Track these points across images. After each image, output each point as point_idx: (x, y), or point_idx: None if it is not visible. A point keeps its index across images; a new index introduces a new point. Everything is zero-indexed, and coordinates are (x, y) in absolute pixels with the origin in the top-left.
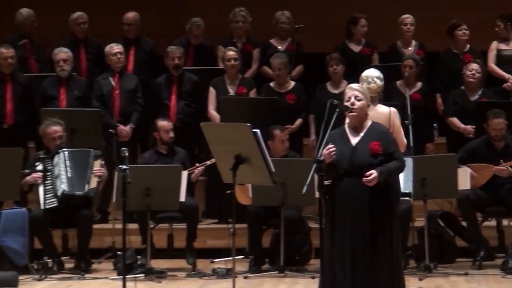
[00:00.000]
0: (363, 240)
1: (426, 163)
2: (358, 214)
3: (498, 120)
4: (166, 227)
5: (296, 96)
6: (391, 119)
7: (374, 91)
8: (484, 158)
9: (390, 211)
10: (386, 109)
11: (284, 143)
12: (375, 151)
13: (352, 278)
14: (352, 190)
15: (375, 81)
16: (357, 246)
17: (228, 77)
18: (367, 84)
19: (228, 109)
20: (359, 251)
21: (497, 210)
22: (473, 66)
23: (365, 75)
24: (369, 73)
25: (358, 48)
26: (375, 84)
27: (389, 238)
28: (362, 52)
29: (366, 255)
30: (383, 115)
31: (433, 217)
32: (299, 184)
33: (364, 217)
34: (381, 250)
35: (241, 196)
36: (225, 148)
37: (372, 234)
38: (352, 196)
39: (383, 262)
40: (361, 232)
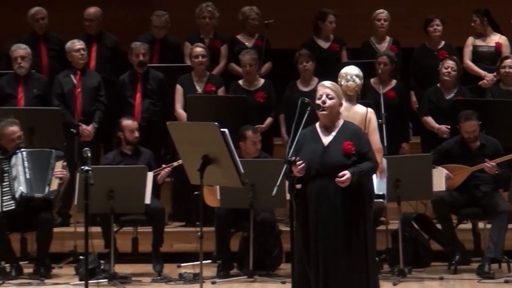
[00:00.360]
0: (337, 243)
1: (400, 164)
2: (331, 216)
3: (469, 123)
4: (131, 230)
5: (266, 94)
6: (367, 119)
7: (352, 89)
8: (459, 159)
9: (363, 213)
10: (363, 109)
11: (256, 145)
12: (348, 151)
13: (325, 282)
14: (325, 191)
15: (354, 79)
16: (330, 249)
17: (196, 75)
18: (345, 82)
19: (195, 107)
20: (332, 254)
21: (472, 212)
22: (449, 64)
23: (344, 72)
24: (348, 70)
25: (326, 45)
26: (354, 82)
27: (363, 240)
28: (331, 49)
29: (339, 258)
30: (360, 115)
31: (407, 220)
32: (269, 185)
33: (337, 219)
34: (355, 253)
35: (209, 198)
36: (192, 148)
37: (345, 237)
38: (324, 197)
39: (357, 265)
40: (334, 235)
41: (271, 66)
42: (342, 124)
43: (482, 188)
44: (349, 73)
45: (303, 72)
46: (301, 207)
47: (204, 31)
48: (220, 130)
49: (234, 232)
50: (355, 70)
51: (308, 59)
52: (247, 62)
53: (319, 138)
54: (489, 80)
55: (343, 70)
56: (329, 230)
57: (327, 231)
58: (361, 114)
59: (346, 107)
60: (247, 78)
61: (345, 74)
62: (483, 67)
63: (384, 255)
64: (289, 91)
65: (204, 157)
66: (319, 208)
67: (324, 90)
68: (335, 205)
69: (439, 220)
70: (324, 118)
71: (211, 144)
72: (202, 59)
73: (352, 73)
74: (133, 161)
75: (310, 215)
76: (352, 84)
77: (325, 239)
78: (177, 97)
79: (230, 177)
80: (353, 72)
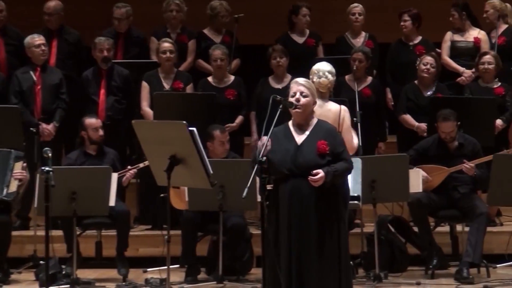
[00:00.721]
0: (310, 245)
1: (376, 164)
2: (304, 217)
3: (446, 124)
4: (94, 234)
5: (237, 92)
6: (340, 118)
7: (325, 86)
8: (437, 159)
9: (337, 215)
10: (336, 107)
11: (224, 145)
12: (323, 150)
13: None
14: (298, 191)
15: (327, 75)
16: (303, 252)
17: (163, 71)
18: (317, 78)
19: (162, 105)
20: (305, 257)
21: (450, 214)
22: (428, 60)
23: (316, 68)
24: (320, 66)
25: (301, 39)
26: (326, 79)
27: (336, 243)
28: (306, 44)
29: (313, 261)
30: (333, 113)
31: (383, 222)
32: (239, 186)
33: (310, 220)
34: (328, 256)
35: (176, 200)
36: (159, 148)
37: (318, 239)
38: (297, 198)
39: (330, 269)
40: (307, 237)
41: (239, 63)
42: (316, 123)
43: (460, 189)
44: (321, 69)
45: (276, 68)
46: (272, 209)
47: (171, 26)
48: (188, 129)
49: (203, 236)
50: (327, 66)
51: (282, 54)
52: (217, 56)
53: (292, 137)
54: (468, 76)
55: (314, 67)
56: (302, 232)
57: (300, 233)
58: (334, 112)
59: (319, 105)
60: (217, 74)
61: (317, 71)
62: (461, 63)
63: (359, 259)
64: (260, 88)
65: (171, 157)
66: (291, 209)
67: (298, 87)
68: (309, 206)
69: (416, 223)
70: (297, 117)
71: (178, 144)
72: (170, 55)
73: (324, 69)
74: (97, 162)
75: (282, 217)
76: (325, 80)
77: (298, 241)
78: (143, 95)
79: (199, 178)
80: (325, 68)
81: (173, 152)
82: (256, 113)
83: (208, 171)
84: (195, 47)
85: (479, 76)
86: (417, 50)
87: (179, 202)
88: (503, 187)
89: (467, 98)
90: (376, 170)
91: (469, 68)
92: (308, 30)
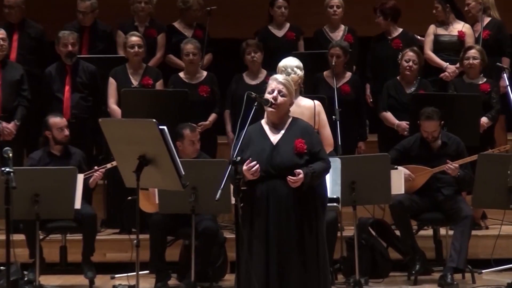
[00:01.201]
0: (290, 250)
1: (356, 164)
2: (282, 220)
3: (429, 123)
4: (59, 238)
5: (210, 88)
6: (316, 113)
7: (296, 82)
8: (419, 159)
9: (316, 218)
10: (310, 103)
11: (194, 145)
12: (300, 149)
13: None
14: (274, 193)
15: (296, 71)
16: (284, 258)
17: (131, 66)
18: (286, 76)
19: (131, 103)
20: (286, 263)
21: (434, 217)
22: (410, 55)
23: (283, 65)
24: (288, 62)
25: (281, 33)
26: (296, 75)
27: (315, 247)
28: (286, 37)
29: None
30: (307, 109)
31: (363, 226)
32: (212, 188)
33: (289, 223)
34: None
35: (145, 203)
36: (127, 147)
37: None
38: (274, 200)
39: (310, 275)
40: (287, 241)
41: (211, 58)
42: (291, 121)
43: (444, 191)
44: (289, 65)
45: (250, 64)
46: (247, 212)
47: (138, 18)
48: (158, 127)
49: (174, 240)
50: (295, 61)
51: (257, 49)
52: (189, 51)
53: (267, 136)
54: (451, 72)
55: (281, 64)
56: (280, 235)
57: (278, 237)
58: (309, 108)
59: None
60: (190, 69)
61: (285, 67)
62: (445, 58)
63: (338, 264)
64: (235, 85)
65: (140, 158)
66: (268, 213)
67: (277, 85)
68: (287, 208)
69: (398, 226)
70: (272, 115)
71: (148, 143)
72: (138, 50)
73: (292, 65)
74: (63, 163)
75: (257, 220)
76: (295, 77)
77: (277, 245)
78: (110, 92)
79: (170, 180)
80: (292, 64)
81: (142, 152)
82: (230, 111)
83: (179, 172)
84: (164, 41)
85: (464, 72)
86: (394, 44)
87: (149, 205)
88: (488, 189)
89: (451, 95)
90: (356, 170)
91: (453, 63)
92: (289, 24)
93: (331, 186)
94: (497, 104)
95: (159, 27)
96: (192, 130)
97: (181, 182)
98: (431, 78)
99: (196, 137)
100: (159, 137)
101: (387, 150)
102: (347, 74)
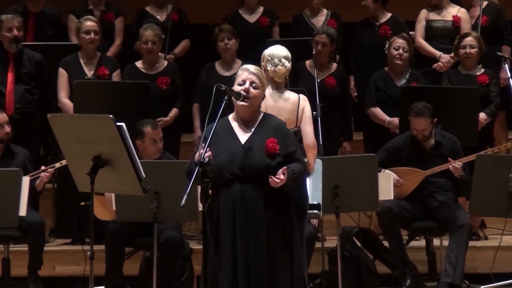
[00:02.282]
0: (258, 266)
1: (340, 167)
2: (251, 231)
3: (419, 120)
4: (1, 249)
5: (170, 80)
6: (299, 108)
7: (282, 75)
8: (410, 160)
9: (290, 226)
10: (295, 96)
11: (156, 144)
12: (272, 150)
13: None
14: (243, 198)
15: (284, 62)
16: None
17: (84, 55)
18: (272, 66)
19: (84, 96)
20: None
21: (426, 226)
22: (399, 43)
23: (269, 53)
24: (275, 51)
25: (253, 18)
26: (283, 67)
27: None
28: (258, 23)
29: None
30: (291, 103)
31: (348, 236)
32: (176, 193)
33: (259, 232)
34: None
35: (100, 209)
36: (80, 147)
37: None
38: (243, 206)
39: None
40: (254, 256)
41: (189, 45)
42: (262, 118)
43: (438, 196)
44: (276, 55)
45: (224, 52)
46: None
47: (93, 1)
48: (116, 124)
49: (133, 252)
50: (283, 51)
51: (231, 36)
52: (149, 38)
53: (235, 134)
54: (446, 62)
55: (267, 52)
56: (248, 248)
57: (246, 252)
58: (293, 102)
59: (273, 96)
60: (149, 59)
61: (271, 57)
62: (438, 47)
63: (319, 279)
64: (205, 76)
65: (95, 158)
66: (236, 220)
67: (248, 76)
68: (257, 216)
69: (386, 236)
70: (243, 110)
71: (104, 142)
72: (94, 36)
73: (280, 55)
74: (4, 164)
75: (223, 228)
76: (282, 69)
77: (245, 260)
78: (60, 83)
79: (129, 183)
80: (280, 53)
81: (97, 152)
82: (200, 105)
83: (139, 174)
84: (123, 26)
85: (459, 62)
86: (382, 31)
87: (105, 212)
88: (487, 194)
89: (445, 88)
90: (339, 173)
91: (448, 53)
92: (262, 8)
93: (311, 191)
94: (496, 98)
95: (116, 11)
96: (154, 127)
97: (141, 186)
98: (422, 69)
99: (158, 135)
100: (116, 135)
101: (374, 150)
102: (332, 65)
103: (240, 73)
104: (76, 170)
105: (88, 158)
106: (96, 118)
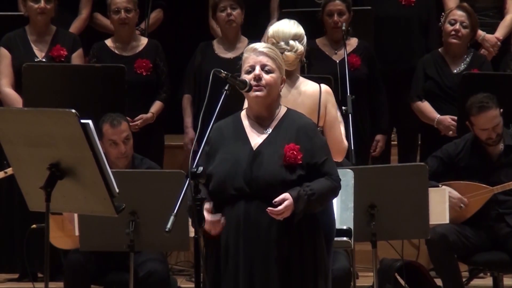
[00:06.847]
0: None
1: (377, 179)
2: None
3: (485, 114)
4: None
5: (152, 63)
6: (321, 104)
7: (293, 61)
8: (471, 172)
9: (314, 262)
10: (314, 88)
11: (117, 147)
12: (292, 159)
13: None
14: (251, 222)
15: (293, 45)
16: None
17: (34, 31)
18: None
19: (35, 84)
20: None
21: (494, 259)
22: (457, 16)
23: (273, 34)
24: (280, 29)
25: None
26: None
27: None
28: None
29: None
30: (309, 98)
31: (388, 271)
32: (160, 214)
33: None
34: None
35: (59, 234)
36: (31, 151)
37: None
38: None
39: None
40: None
41: (161, 16)
42: (285, 115)
43: (509, 220)
44: (282, 35)
45: (225, 27)
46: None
47: None
48: (80, 121)
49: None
50: (291, 28)
51: (235, 4)
52: (120, 6)
53: (246, 137)
54: (493, 45)
55: (270, 32)
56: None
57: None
58: (311, 96)
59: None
60: (122, 34)
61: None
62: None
63: None
64: (199, 58)
65: (52, 167)
66: (240, 249)
67: (257, 58)
68: (268, 245)
69: (440, 272)
70: (256, 104)
71: (64, 145)
72: (46, 5)
73: (287, 34)
74: None
75: (225, 262)
76: (291, 55)
77: None
78: (2, 68)
79: (97, 200)
80: (287, 33)
81: (55, 159)
82: (192, 97)
83: (111, 188)
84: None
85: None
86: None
87: (64, 238)
88: None
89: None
90: (377, 188)
91: (492, 30)
92: None
93: (339, 212)
94: None
95: None
96: (113, 124)
97: (113, 205)
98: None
99: (119, 136)
100: (80, 136)
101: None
102: (352, 41)
103: (246, 56)
104: (26, 183)
105: (43, 166)
106: (52, 114)
